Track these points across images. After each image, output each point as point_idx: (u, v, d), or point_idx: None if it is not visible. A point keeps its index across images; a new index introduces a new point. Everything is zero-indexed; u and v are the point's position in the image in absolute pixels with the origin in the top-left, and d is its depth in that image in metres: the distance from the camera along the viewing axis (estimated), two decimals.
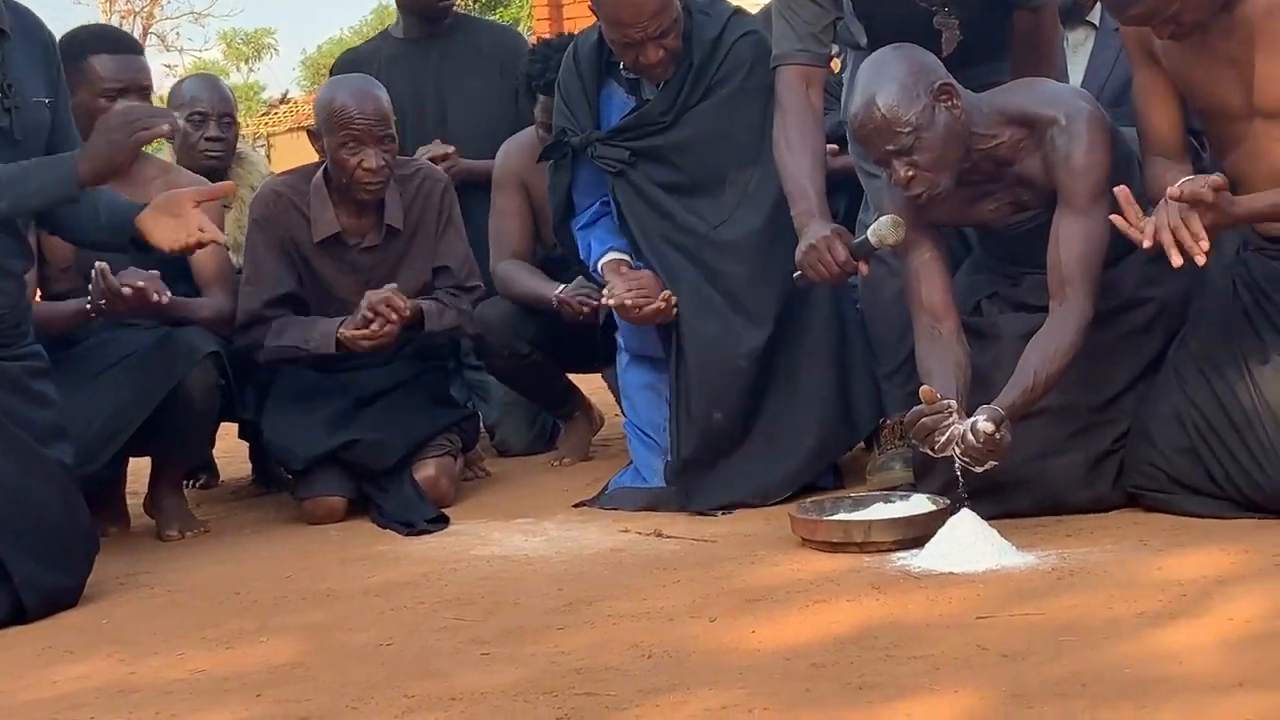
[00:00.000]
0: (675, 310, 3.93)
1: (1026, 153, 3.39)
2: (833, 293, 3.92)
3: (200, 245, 3.48)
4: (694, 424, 3.90)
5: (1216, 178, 3.04)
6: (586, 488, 4.17)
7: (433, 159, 4.80)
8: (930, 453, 3.18)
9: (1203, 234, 2.99)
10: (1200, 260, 3.00)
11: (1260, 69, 3.14)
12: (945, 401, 3.16)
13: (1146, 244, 3.04)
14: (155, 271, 3.76)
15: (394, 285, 4.05)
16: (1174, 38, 3.16)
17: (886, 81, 3.28)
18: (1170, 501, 3.30)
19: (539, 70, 4.52)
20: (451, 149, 4.93)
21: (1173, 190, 3.01)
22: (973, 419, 3.11)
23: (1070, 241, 3.29)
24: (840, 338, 3.97)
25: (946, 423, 3.13)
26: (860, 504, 3.44)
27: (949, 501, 3.23)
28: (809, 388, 3.94)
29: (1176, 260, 3.01)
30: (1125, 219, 3.08)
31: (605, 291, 4.01)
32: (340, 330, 4.05)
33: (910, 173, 3.28)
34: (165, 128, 3.40)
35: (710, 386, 3.91)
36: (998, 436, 3.09)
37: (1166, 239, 3.01)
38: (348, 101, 4.05)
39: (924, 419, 3.16)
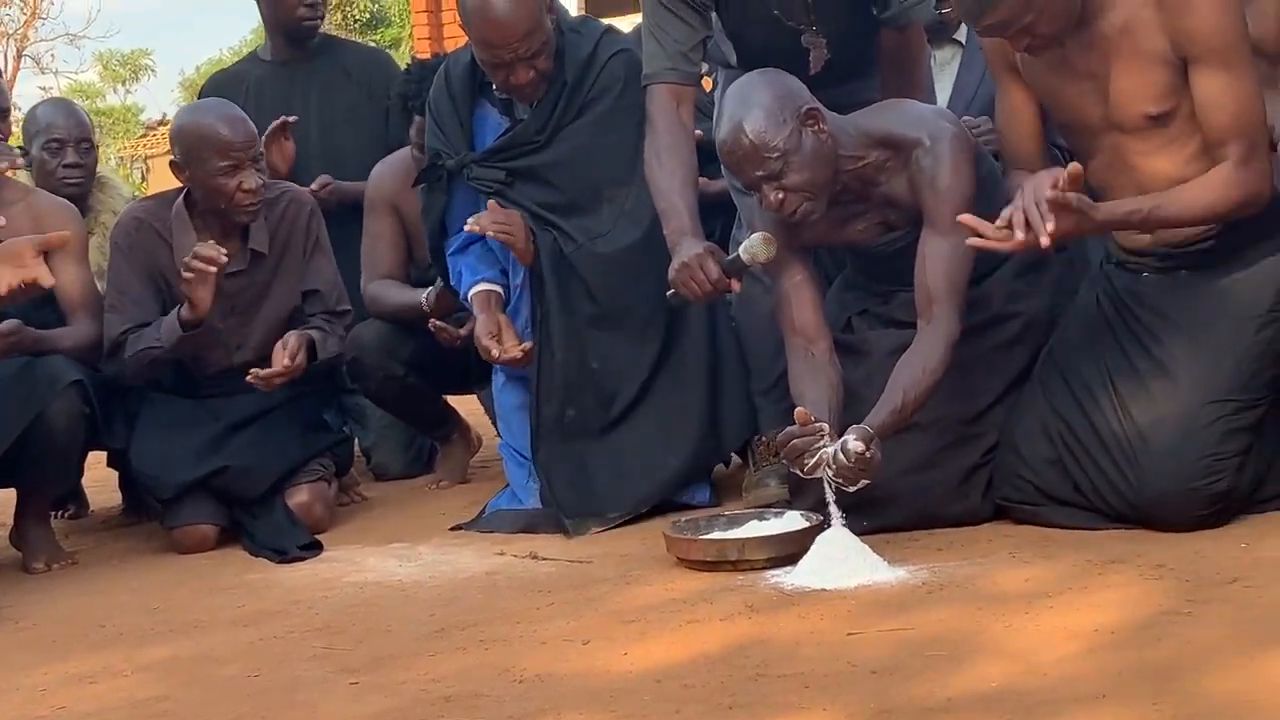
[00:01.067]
0: (534, 355, 3.93)
1: (893, 173, 3.43)
2: (707, 310, 3.92)
3: (28, 285, 3.40)
4: (549, 422, 3.92)
5: (1072, 166, 3.08)
6: (464, 510, 4.14)
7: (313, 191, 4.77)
8: (801, 474, 3.20)
9: (1051, 215, 3.03)
10: (1044, 241, 3.03)
11: (1116, 84, 3.19)
12: (817, 424, 3.17)
13: (1017, 236, 3.05)
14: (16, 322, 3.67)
15: (211, 241, 3.98)
16: (1030, 51, 3.20)
17: (753, 108, 3.30)
18: (1038, 513, 3.34)
19: (414, 91, 4.49)
20: (329, 181, 4.88)
21: (1047, 195, 3.03)
22: (843, 439, 3.13)
23: (936, 261, 3.32)
24: (713, 354, 3.98)
25: (817, 445, 3.15)
26: (735, 522, 3.44)
27: (822, 518, 3.24)
28: (678, 404, 3.94)
29: (1019, 235, 3.03)
30: (981, 235, 3.10)
31: (476, 331, 4.00)
32: (184, 316, 3.96)
33: (780, 196, 3.30)
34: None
35: (565, 384, 3.92)
36: (868, 455, 3.11)
37: (1017, 218, 3.04)
38: (220, 127, 4.00)
39: (795, 440, 3.17)
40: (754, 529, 3.37)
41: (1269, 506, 3.23)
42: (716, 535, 3.36)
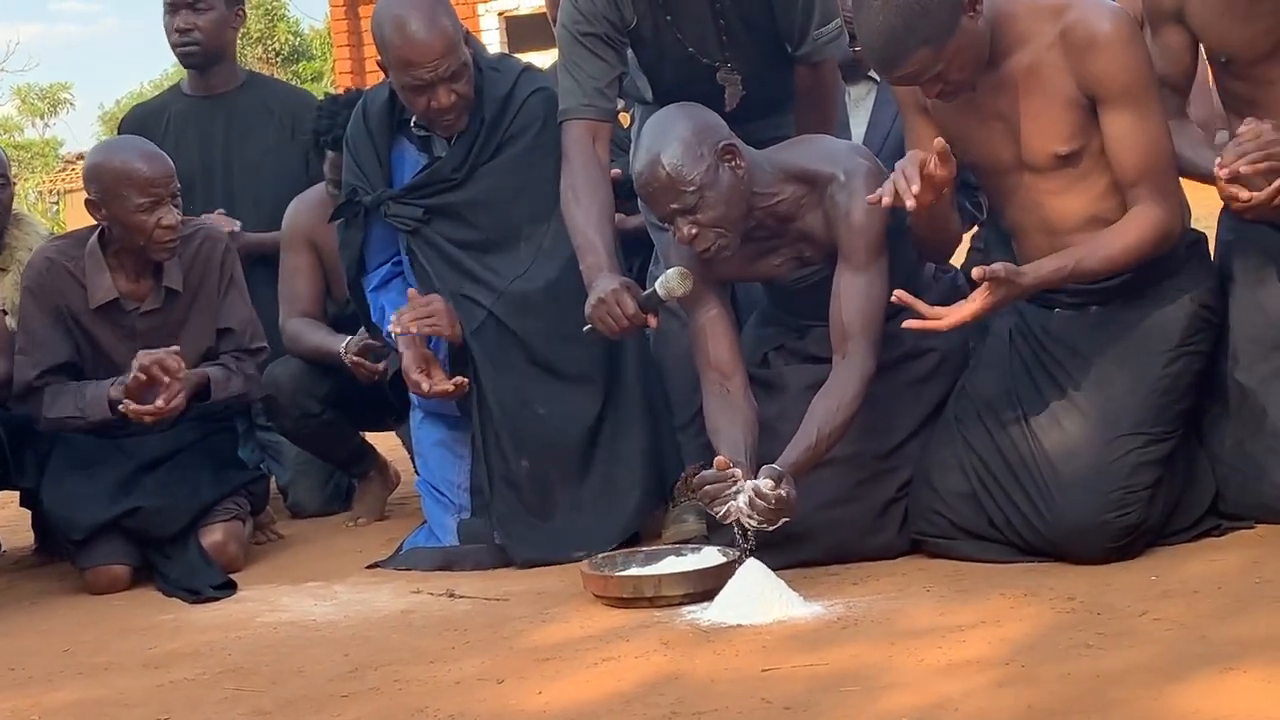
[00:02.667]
0: (466, 389, 3.90)
1: (808, 209, 3.45)
2: (640, 347, 3.92)
3: None
4: (502, 476, 3.88)
5: (938, 141, 3.14)
6: (382, 548, 4.11)
7: None
8: (714, 518, 3.20)
9: (917, 181, 3.08)
10: (910, 203, 3.09)
11: (1025, 125, 3.23)
12: (730, 470, 3.18)
13: (886, 200, 3.14)
14: None
15: (175, 348, 3.96)
16: (943, 97, 3.23)
17: (671, 141, 3.31)
18: (952, 547, 3.36)
19: (326, 126, 4.46)
20: (237, 225, 4.82)
21: (975, 272, 3.09)
22: (755, 483, 3.13)
23: (850, 297, 3.35)
24: (650, 391, 3.97)
25: (729, 491, 3.15)
26: (652, 558, 3.44)
27: (739, 553, 3.25)
28: (627, 442, 3.91)
29: (888, 200, 3.12)
30: (919, 313, 3.14)
31: (404, 367, 3.96)
32: (115, 396, 3.93)
33: (694, 230, 3.32)
34: None
35: (513, 436, 3.89)
36: (783, 494, 3.12)
37: (887, 187, 3.13)
38: (139, 164, 3.96)
39: (708, 486, 3.17)
40: (671, 565, 3.37)
41: (1179, 539, 3.26)
42: (633, 571, 3.35)
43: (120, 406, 3.93)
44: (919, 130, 3.41)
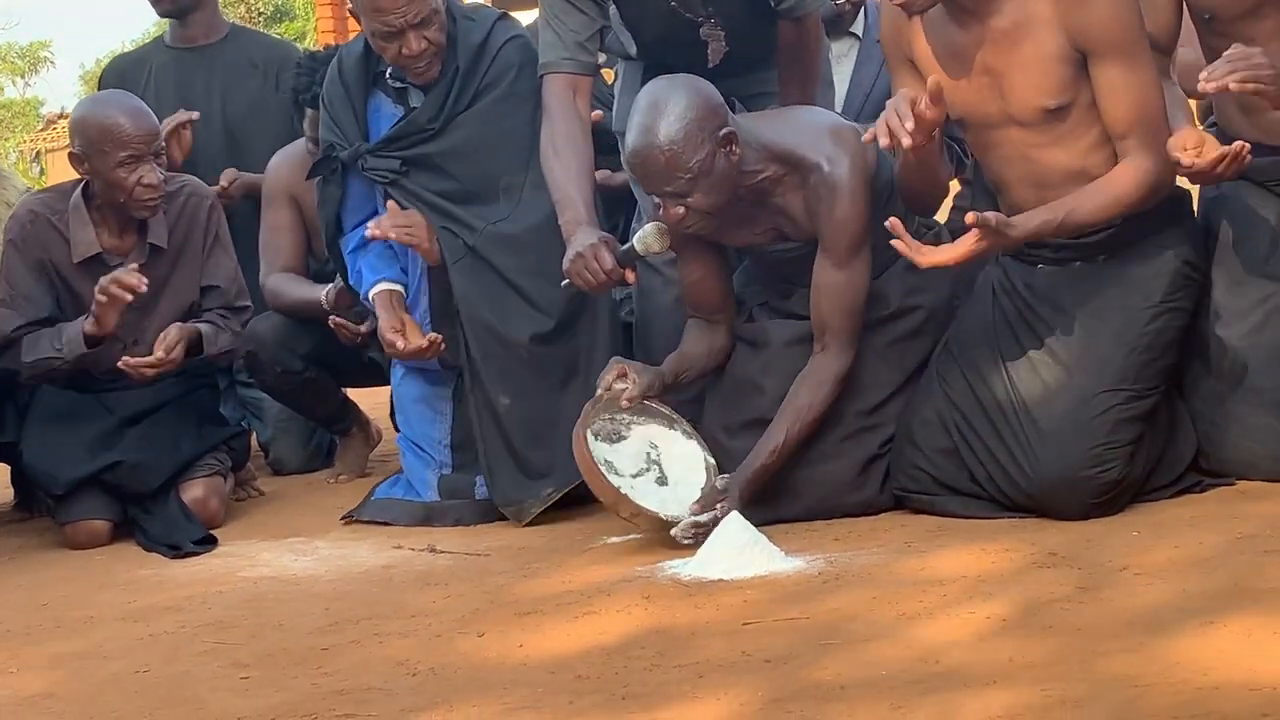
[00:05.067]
0: (443, 348, 3.88)
1: (788, 189, 3.42)
2: (609, 307, 3.90)
3: None
4: (490, 417, 3.86)
5: (931, 80, 3.12)
6: None
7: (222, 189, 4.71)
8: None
9: (909, 117, 3.07)
10: (905, 141, 3.08)
11: (1013, 78, 3.21)
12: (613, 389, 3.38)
13: (883, 141, 3.12)
14: None
15: (133, 265, 3.92)
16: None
17: (673, 122, 3.24)
18: (934, 503, 3.36)
19: (305, 83, 4.43)
20: (236, 175, 4.81)
21: (968, 217, 3.07)
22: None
23: (830, 293, 3.37)
24: (621, 342, 3.95)
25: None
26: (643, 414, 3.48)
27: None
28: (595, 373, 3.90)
29: (884, 141, 3.11)
30: (904, 243, 3.12)
31: (379, 329, 3.94)
32: (89, 330, 3.90)
33: (681, 211, 3.29)
34: None
35: (494, 373, 3.86)
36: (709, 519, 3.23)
37: (880, 127, 3.11)
38: (121, 120, 3.92)
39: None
40: (656, 493, 3.38)
41: (1160, 495, 3.27)
42: (622, 483, 3.35)
43: (119, 364, 3.91)
44: (907, 84, 3.36)
